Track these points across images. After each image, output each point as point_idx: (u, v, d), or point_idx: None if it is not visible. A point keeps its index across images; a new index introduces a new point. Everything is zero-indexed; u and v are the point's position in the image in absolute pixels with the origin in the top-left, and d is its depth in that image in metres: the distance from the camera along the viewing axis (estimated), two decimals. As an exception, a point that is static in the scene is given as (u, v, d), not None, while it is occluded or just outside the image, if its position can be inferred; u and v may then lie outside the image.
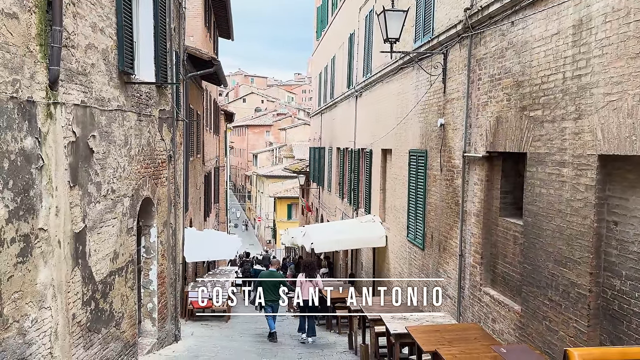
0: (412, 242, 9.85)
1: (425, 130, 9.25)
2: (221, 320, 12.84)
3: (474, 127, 7.18)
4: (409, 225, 10.11)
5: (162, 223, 8.39)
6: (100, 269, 6.20)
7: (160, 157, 8.32)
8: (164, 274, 8.50)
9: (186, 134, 12.81)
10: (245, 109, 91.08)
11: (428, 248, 9.01)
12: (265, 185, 52.91)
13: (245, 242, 46.49)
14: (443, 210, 8.30)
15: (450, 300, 8.01)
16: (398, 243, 10.96)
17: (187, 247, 12.69)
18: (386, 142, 12.07)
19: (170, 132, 8.86)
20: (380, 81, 12.59)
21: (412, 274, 9.89)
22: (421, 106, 9.45)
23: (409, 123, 10.22)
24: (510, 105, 6.19)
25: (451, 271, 7.95)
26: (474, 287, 7.12)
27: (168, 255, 8.76)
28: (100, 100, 6.19)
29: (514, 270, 6.26)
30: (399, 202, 10.95)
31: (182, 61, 12.32)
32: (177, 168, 11.09)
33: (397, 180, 11.13)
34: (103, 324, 6.32)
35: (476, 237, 7.08)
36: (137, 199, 7.31)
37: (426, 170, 9.13)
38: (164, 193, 8.49)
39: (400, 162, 10.82)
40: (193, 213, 15.70)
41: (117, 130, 6.65)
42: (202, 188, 19.13)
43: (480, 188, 6.98)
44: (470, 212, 7.26)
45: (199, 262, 17.63)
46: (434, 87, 8.78)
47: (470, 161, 7.29)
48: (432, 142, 8.84)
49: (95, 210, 6.03)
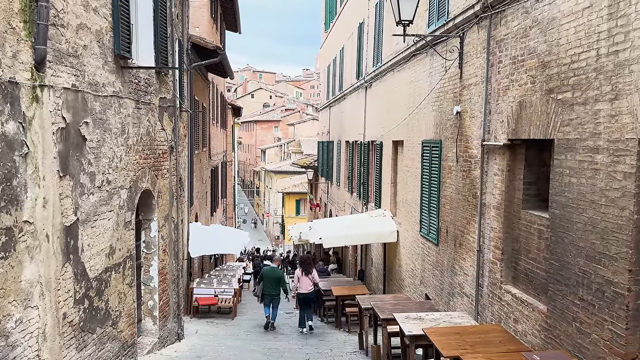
0: (426, 237, 9.39)
1: (439, 119, 8.77)
2: (227, 317, 12.48)
3: (494, 114, 6.70)
4: (422, 220, 9.65)
5: (163, 217, 8.00)
6: (95, 265, 5.82)
7: (161, 147, 7.93)
8: (165, 270, 8.12)
9: (191, 125, 12.42)
10: (254, 105, 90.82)
11: (443, 243, 8.56)
12: (274, 180, 52.64)
13: (254, 238, 46.27)
14: (459, 203, 7.84)
15: (467, 299, 7.55)
16: (410, 238, 10.51)
17: (192, 242, 12.32)
18: (397, 134, 11.60)
19: (172, 121, 8.46)
20: (391, 70, 12.11)
21: (426, 271, 9.44)
22: (435, 94, 8.98)
23: (422, 112, 9.74)
24: (535, 88, 5.71)
25: (468, 268, 7.50)
26: (494, 284, 6.66)
27: (170, 251, 8.38)
28: (94, 84, 5.79)
29: (539, 266, 5.79)
30: (411, 196, 10.50)
31: (186, 50, 11.91)
32: (181, 160, 10.71)
33: (409, 173, 10.67)
34: (98, 323, 5.95)
35: (496, 231, 6.62)
36: (135, 191, 6.92)
37: (440, 161, 8.66)
38: (165, 185, 8.10)
39: (413, 153, 10.35)
40: (199, 208, 15.34)
41: (112, 117, 6.26)
42: (209, 182, 18.77)
43: (501, 179, 6.51)
44: (490, 205, 6.80)
45: (206, 258, 17.29)
46: (449, 73, 8.30)
47: (490, 150, 6.82)
48: (447, 131, 8.37)
49: (88, 202, 5.65)
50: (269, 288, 11.12)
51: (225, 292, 12.66)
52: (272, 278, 11.23)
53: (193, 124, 13.53)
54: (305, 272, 11.12)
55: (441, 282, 8.59)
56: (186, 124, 11.87)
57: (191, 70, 12.21)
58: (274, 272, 11.45)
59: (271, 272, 11.41)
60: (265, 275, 11.34)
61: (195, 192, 14.22)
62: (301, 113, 77.75)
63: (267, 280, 11.19)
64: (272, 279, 11.22)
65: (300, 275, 11.13)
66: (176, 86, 8.78)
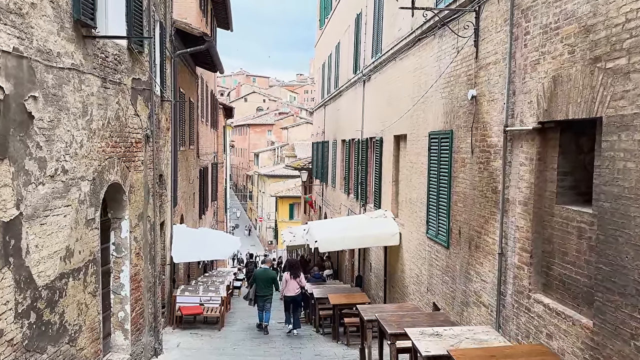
0: (434, 239, 8.44)
1: (450, 106, 7.84)
2: (213, 328, 11.44)
3: (520, 94, 5.77)
4: (429, 220, 8.70)
5: (136, 215, 6.99)
6: (45, 271, 4.81)
7: (134, 135, 6.93)
8: (139, 277, 7.09)
9: (175, 119, 11.42)
10: (247, 109, 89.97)
11: (454, 246, 7.60)
12: (267, 184, 51.74)
13: (247, 243, 45.19)
14: (475, 200, 6.89)
15: (485, 309, 6.59)
16: (415, 241, 9.55)
17: (176, 246, 11.31)
18: (399, 127, 10.66)
19: (148, 107, 7.46)
20: (393, 59, 11.19)
21: (434, 277, 8.47)
22: (445, 79, 8.05)
23: (429, 101, 8.81)
24: (574, 58, 4.78)
25: (487, 273, 6.54)
26: (520, 293, 5.70)
27: (145, 255, 7.35)
28: (46, 53, 4.80)
29: (580, 272, 4.85)
30: (415, 194, 9.54)
31: (170, 36, 10.94)
32: (162, 155, 9.70)
33: (413, 169, 9.72)
34: (50, 340, 4.92)
35: (523, 231, 5.67)
36: (100, 183, 5.92)
37: (451, 154, 7.73)
38: (138, 179, 7.09)
39: (418, 147, 9.41)
40: (185, 209, 14.31)
41: (71, 95, 5.26)
42: (197, 183, 17.75)
43: (529, 169, 5.57)
44: (514, 201, 5.85)
45: (193, 263, 16.24)
46: (461, 54, 7.38)
47: (515, 137, 5.88)
48: (460, 119, 7.43)
49: (36, 193, 4.64)
50: (262, 289, 11.38)
51: (212, 300, 11.63)
52: (265, 279, 11.49)
53: (178, 117, 12.54)
54: (293, 276, 11.36)
55: (452, 289, 7.62)
56: (169, 117, 10.88)
57: (175, 58, 11.24)
58: (267, 273, 11.71)
59: (264, 274, 11.67)
60: (258, 277, 11.60)
61: (180, 191, 13.21)
62: (295, 117, 76.93)
63: (260, 281, 11.45)
64: (264, 279, 11.48)
65: (288, 279, 11.35)
66: (154, 68, 7.78)
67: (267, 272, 11.73)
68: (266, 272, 11.74)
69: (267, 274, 11.67)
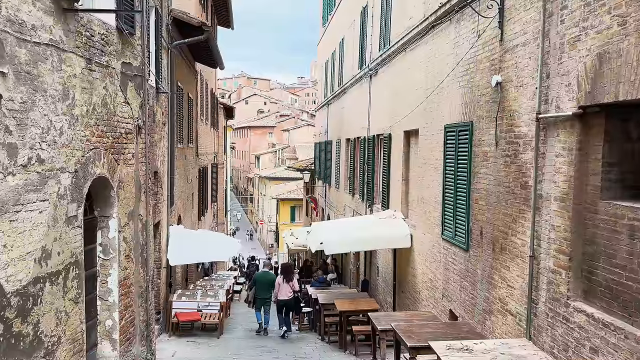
0: (450, 241, 7.78)
1: (470, 96, 7.21)
2: (212, 335, 10.78)
3: (556, 76, 5.13)
4: (444, 221, 8.05)
5: (126, 213, 6.34)
6: (16, 274, 4.17)
7: (124, 125, 6.29)
8: (129, 281, 6.44)
9: (171, 113, 10.79)
10: (248, 111, 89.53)
11: (475, 248, 6.95)
12: (268, 187, 51.16)
13: (248, 247, 44.51)
14: (500, 197, 6.24)
15: (512, 319, 5.93)
16: (428, 243, 8.89)
17: (173, 248, 10.67)
18: (410, 122, 10.03)
19: (140, 95, 6.82)
20: (403, 50, 10.57)
21: (450, 282, 7.82)
22: (463, 67, 7.42)
23: (445, 92, 8.18)
24: (625, 30, 4.14)
25: (514, 279, 5.88)
26: (557, 300, 5.05)
27: (136, 257, 6.70)
28: (18, 24, 4.17)
29: (633, 277, 4.20)
30: (428, 193, 8.90)
31: (167, 25, 10.33)
32: (158, 151, 9.08)
33: (426, 166, 9.08)
34: (21, 355, 4.28)
35: (560, 230, 5.02)
36: (84, 176, 5.28)
37: (471, 147, 7.08)
38: (128, 174, 6.45)
39: (431, 142, 8.77)
40: (183, 209, 13.67)
41: (49, 75, 4.63)
42: (196, 183, 17.11)
43: (567, 161, 4.93)
44: (549, 196, 5.20)
45: (191, 266, 15.59)
46: (483, 38, 6.74)
47: (549, 125, 5.24)
48: (482, 109, 6.79)
49: (5, 185, 4.01)
50: (262, 292, 11.36)
51: (211, 305, 10.97)
52: (265, 282, 11.45)
53: (176, 113, 11.92)
54: (286, 280, 11.33)
55: (472, 296, 6.97)
56: (165, 111, 10.26)
57: (172, 49, 10.62)
58: (268, 276, 11.72)
59: (264, 277, 11.67)
60: (259, 280, 11.58)
61: (178, 191, 12.57)
62: (296, 119, 76.38)
63: (260, 284, 11.43)
64: (265, 283, 11.44)
65: (281, 282, 11.32)
66: (147, 54, 7.15)
67: (268, 275, 11.78)
68: (266, 275, 11.80)
69: (268, 277, 11.71)
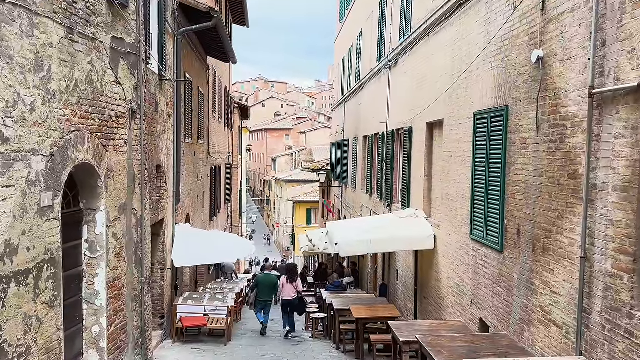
0: (481, 241, 6.95)
1: (504, 77, 6.39)
2: (219, 342, 10.07)
3: (614, 43, 4.31)
4: (473, 219, 7.22)
5: (116, 207, 5.66)
6: (-31, 273, 3.50)
7: (114, 107, 5.62)
8: (119, 283, 5.75)
9: (178, 105, 10.14)
10: (265, 114, 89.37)
11: (511, 249, 6.11)
12: (284, 189, 50.66)
13: (264, 250, 43.93)
14: (542, 189, 5.42)
15: (557, 330, 5.09)
16: (455, 244, 8.07)
17: (178, 248, 10.00)
18: (433, 112, 9.22)
19: (134, 76, 6.14)
20: (425, 36, 9.77)
21: (480, 287, 6.98)
22: (496, 46, 6.61)
23: (474, 76, 7.37)
24: None
25: (560, 284, 5.05)
26: (616, 310, 4.21)
27: (128, 256, 6.01)
28: (-26, -25, 3.52)
29: None
30: (455, 189, 8.08)
31: (173, 11, 9.70)
32: (162, 144, 8.44)
33: (452, 160, 8.26)
34: (-23, 369, 3.60)
35: (621, 226, 4.18)
36: (63, 161, 4.60)
37: (506, 135, 6.26)
38: (120, 162, 5.77)
39: (458, 133, 7.96)
40: (192, 208, 13.03)
41: (16, 40, 3.96)
42: (208, 182, 16.49)
43: (631, 142, 4.10)
44: (606, 186, 4.37)
45: (201, 268, 14.95)
46: (521, 9, 5.93)
47: (606, 101, 4.41)
48: (519, 91, 5.97)
49: (-46, 166, 3.34)
50: (264, 294, 11.50)
51: (218, 310, 10.26)
52: (267, 284, 11.57)
53: (185, 105, 11.29)
54: (290, 280, 11.47)
55: (508, 303, 6.13)
56: (171, 101, 9.62)
57: (179, 36, 9.97)
58: (269, 278, 11.81)
59: (266, 279, 11.76)
60: (261, 282, 11.68)
61: (186, 188, 11.93)
62: (313, 121, 75.83)
63: (262, 286, 11.55)
64: (266, 285, 11.56)
65: (285, 283, 11.48)
66: (142, 30, 6.48)
67: (269, 278, 11.90)
68: (268, 277, 11.93)
69: (269, 279, 11.82)
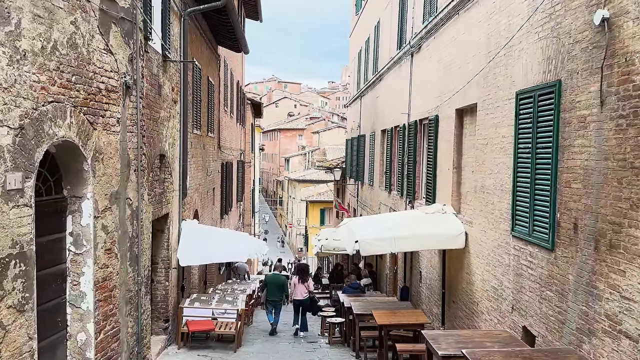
0: (525, 238, 6.07)
1: (555, 48, 5.51)
2: (228, 349, 9.28)
3: None
4: (515, 213, 6.34)
5: (106, 195, 4.89)
6: None
7: (104, 80, 4.85)
8: (110, 283, 4.98)
9: (184, 92, 9.38)
10: (278, 114, 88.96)
11: (565, 247, 5.23)
12: (297, 190, 49.99)
13: (278, 252, 43.28)
14: (609, 174, 4.54)
15: (628, 343, 4.21)
16: (491, 243, 7.18)
17: (185, 246, 9.25)
18: (464, 97, 8.36)
19: (129, 46, 5.38)
20: (454, 14, 8.91)
21: (524, 291, 6.09)
22: (544, 12, 5.73)
23: (515, 51, 6.50)
24: None
25: (634, 287, 4.16)
26: None
27: (122, 252, 5.24)
28: None
29: None
30: (491, 180, 7.20)
31: (179, -11, 8.95)
32: (166, 132, 7.70)
33: (487, 147, 7.39)
34: None
35: None
36: (37, 137, 3.83)
37: (558, 113, 5.39)
38: (111, 144, 5.00)
39: (496, 117, 7.09)
40: (201, 205, 12.28)
41: (-27, -18, 3.20)
42: (219, 178, 15.76)
43: None
44: None
45: (211, 268, 14.21)
46: (579, -35, 5.05)
47: None
48: (576, 61, 5.09)
49: None
50: (273, 294, 11.58)
51: (227, 313, 9.49)
52: (276, 284, 11.64)
53: (193, 93, 10.55)
54: (301, 280, 11.72)
55: (561, 310, 5.24)
56: (177, 86, 8.87)
57: (186, 17, 9.22)
58: (277, 278, 11.89)
59: (275, 279, 11.86)
60: (269, 282, 11.78)
61: (194, 182, 11.18)
62: (326, 121, 75.10)
63: (271, 286, 11.64)
64: (275, 285, 11.63)
65: (297, 283, 11.74)
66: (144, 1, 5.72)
67: (278, 277, 11.97)
68: (277, 277, 12.01)
69: (278, 279, 11.89)
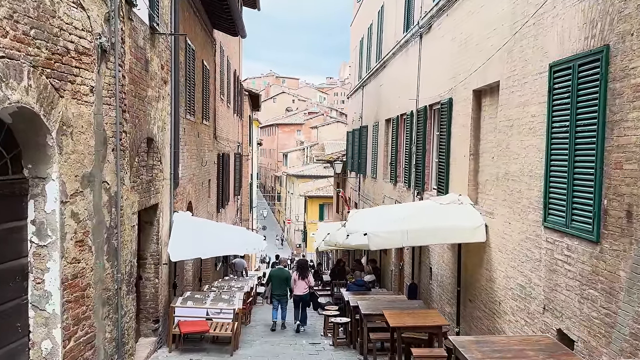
0: (561, 229, 5.33)
1: (600, 8, 4.76)
2: (223, 352, 8.53)
3: None
4: (549, 202, 5.60)
5: (77, 176, 4.13)
6: None
7: (74, 39, 4.08)
8: (82, 281, 4.22)
9: (176, 73, 8.59)
10: (276, 109, 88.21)
11: (614, 238, 4.49)
12: (296, 185, 49.28)
13: (276, 250, 42.62)
14: (678, 151, 3.79)
15: None
16: (517, 235, 6.44)
17: (176, 240, 8.49)
18: (484, 76, 7.60)
19: (106, 4, 4.60)
20: (471, -13, 8.15)
21: (559, 290, 5.36)
22: (587, -31, 4.97)
23: (548, 18, 5.74)
24: None
25: None
26: None
27: (97, 244, 4.48)
28: None
29: None
30: (518, 166, 6.46)
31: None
32: (154, 113, 6.93)
33: (512, 130, 6.64)
34: None
35: None
36: (-21, 99, 3.07)
37: (605, 84, 4.64)
38: (83, 116, 4.23)
39: (523, 94, 6.34)
40: (195, 197, 11.52)
41: None
42: (215, 170, 15.00)
43: None
44: None
45: (207, 263, 13.46)
46: None
47: None
48: (628, 21, 4.34)
49: None
50: (277, 288, 11.64)
51: (223, 313, 8.73)
52: (280, 278, 11.74)
53: (186, 75, 9.77)
54: (301, 276, 11.76)
55: (608, 312, 4.51)
56: (167, 65, 8.09)
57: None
58: (282, 272, 11.95)
59: (279, 273, 11.92)
60: (274, 276, 11.86)
61: (188, 172, 10.42)
62: (325, 116, 74.41)
63: (276, 280, 11.72)
64: (280, 279, 11.73)
65: (297, 279, 11.75)
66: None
67: (282, 272, 11.96)
68: (281, 271, 12.00)
69: (282, 273, 11.90)
